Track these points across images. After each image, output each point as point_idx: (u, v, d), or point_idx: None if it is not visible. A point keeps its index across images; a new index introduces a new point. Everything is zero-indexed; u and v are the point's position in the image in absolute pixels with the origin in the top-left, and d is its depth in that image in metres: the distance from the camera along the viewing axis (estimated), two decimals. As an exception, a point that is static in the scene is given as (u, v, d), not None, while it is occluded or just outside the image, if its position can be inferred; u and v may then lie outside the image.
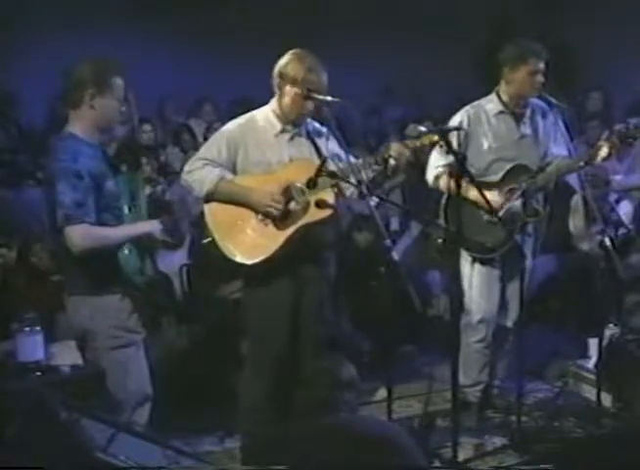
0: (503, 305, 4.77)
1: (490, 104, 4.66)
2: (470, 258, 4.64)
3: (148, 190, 3.98)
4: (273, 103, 4.09)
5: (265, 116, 4.10)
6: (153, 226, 3.73)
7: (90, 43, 7.95)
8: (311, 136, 4.13)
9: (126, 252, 3.64)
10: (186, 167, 4.06)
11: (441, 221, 4.64)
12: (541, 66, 4.51)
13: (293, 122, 4.07)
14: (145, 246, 3.73)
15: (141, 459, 2.74)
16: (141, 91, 4.00)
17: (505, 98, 4.63)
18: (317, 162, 4.00)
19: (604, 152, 4.36)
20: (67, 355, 3.75)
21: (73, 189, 3.47)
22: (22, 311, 3.76)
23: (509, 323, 4.81)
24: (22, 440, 2.76)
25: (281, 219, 3.97)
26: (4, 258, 5.33)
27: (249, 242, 3.97)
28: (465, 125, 4.54)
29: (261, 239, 3.97)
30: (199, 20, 9.12)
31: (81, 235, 3.50)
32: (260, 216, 3.99)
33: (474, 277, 4.65)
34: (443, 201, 4.67)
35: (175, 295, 5.56)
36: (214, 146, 4.07)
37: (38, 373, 3.63)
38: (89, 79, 3.59)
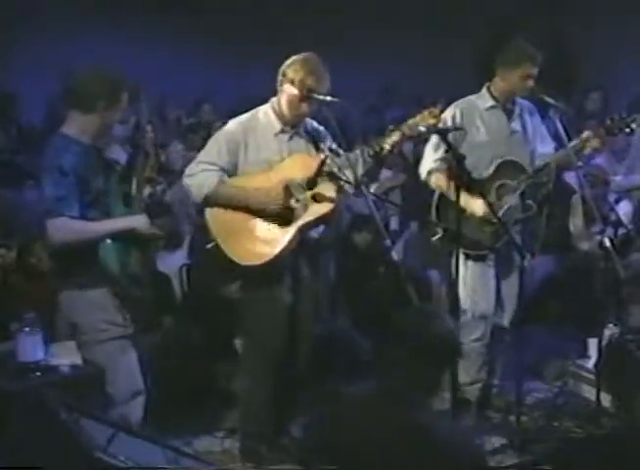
0: (499, 303, 4.77)
1: (481, 99, 4.68)
2: (462, 256, 4.61)
3: (148, 190, 3.95)
4: (274, 101, 4.11)
5: (266, 114, 4.12)
6: (137, 221, 3.74)
7: (90, 43, 7.97)
8: (311, 135, 4.14)
9: (109, 246, 3.64)
10: (187, 171, 4.07)
11: (434, 219, 4.64)
12: (534, 71, 4.53)
13: (291, 123, 4.09)
14: (135, 241, 3.72)
15: (141, 459, 2.75)
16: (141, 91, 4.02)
17: (496, 93, 4.66)
18: (313, 156, 4.01)
19: (595, 143, 4.47)
20: (66, 355, 3.75)
21: (55, 184, 3.56)
22: (22, 311, 3.76)
23: (505, 322, 4.80)
24: (22, 440, 2.77)
25: (283, 219, 3.98)
26: (3, 258, 5.32)
27: (253, 244, 3.98)
28: (458, 120, 4.57)
29: (266, 240, 3.97)
30: (199, 20, 9.13)
31: (59, 228, 3.58)
32: (262, 218, 3.99)
33: (467, 275, 4.64)
34: (435, 198, 4.66)
35: (175, 294, 5.56)
36: (215, 148, 4.06)
37: (38, 373, 3.62)
38: (105, 94, 3.67)
